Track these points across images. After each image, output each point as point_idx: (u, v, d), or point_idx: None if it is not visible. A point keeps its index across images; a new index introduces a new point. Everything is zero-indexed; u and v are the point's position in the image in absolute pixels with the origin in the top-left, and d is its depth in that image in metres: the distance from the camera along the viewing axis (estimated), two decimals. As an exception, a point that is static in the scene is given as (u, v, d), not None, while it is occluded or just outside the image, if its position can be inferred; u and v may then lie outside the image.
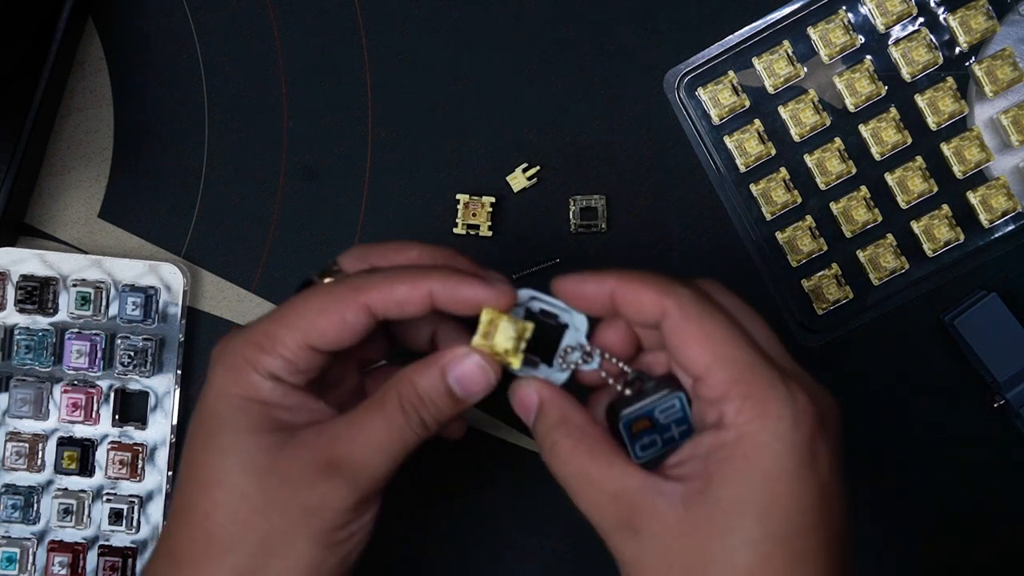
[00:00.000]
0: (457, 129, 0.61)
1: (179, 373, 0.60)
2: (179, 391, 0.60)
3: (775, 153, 0.59)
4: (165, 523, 0.45)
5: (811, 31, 0.59)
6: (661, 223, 0.60)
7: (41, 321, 0.60)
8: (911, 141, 0.59)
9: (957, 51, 0.58)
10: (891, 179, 0.59)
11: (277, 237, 0.61)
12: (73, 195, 0.62)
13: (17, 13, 0.58)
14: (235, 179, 0.61)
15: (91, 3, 0.61)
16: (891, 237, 0.59)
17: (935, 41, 0.58)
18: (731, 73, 0.59)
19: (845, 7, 0.59)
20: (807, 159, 0.59)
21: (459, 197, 0.60)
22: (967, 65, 0.59)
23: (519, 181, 0.60)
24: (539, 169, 0.60)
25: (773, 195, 0.59)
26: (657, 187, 0.60)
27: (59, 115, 0.62)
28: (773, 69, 0.59)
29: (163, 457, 0.60)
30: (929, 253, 0.59)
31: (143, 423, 0.60)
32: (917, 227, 0.59)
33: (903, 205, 0.59)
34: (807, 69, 0.59)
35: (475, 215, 0.60)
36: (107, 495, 0.60)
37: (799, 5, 0.59)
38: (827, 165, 0.59)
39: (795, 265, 0.59)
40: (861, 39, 0.59)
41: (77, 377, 0.60)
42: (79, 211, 0.62)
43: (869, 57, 0.59)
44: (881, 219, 0.59)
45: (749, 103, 0.59)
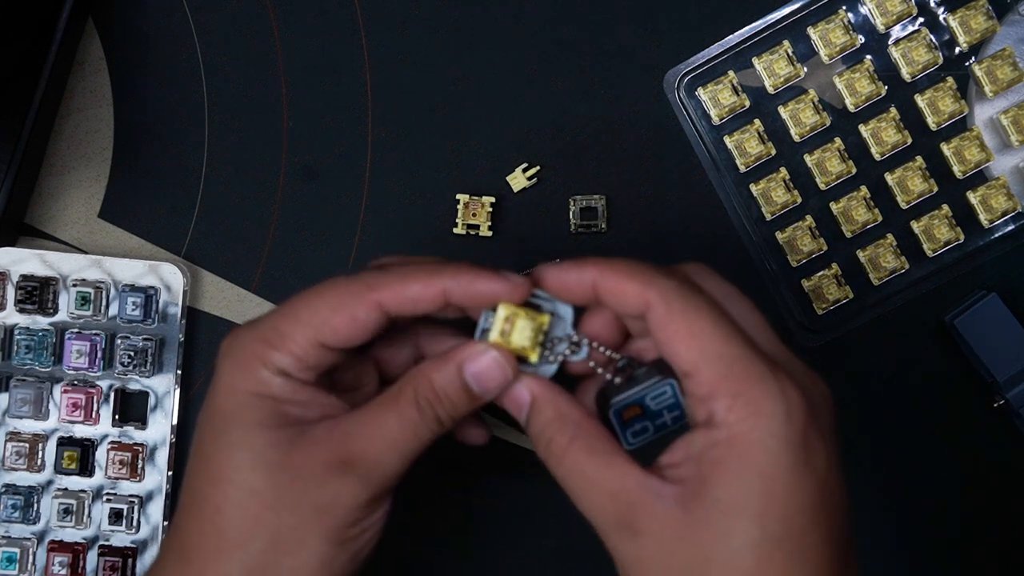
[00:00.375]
0: (457, 129, 0.61)
1: (179, 373, 0.60)
2: (179, 391, 0.60)
3: (775, 153, 0.59)
4: (173, 519, 0.44)
5: (811, 31, 0.59)
6: (661, 223, 0.60)
7: (41, 321, 0.60)
8: (911, 141, 0.59)
9: (957, 51, 0.58)
10: (891, 179, 0.59)
11: (277, 237, 0.61)
12: (73, 195, 0.62)
13: (17, 13, 0.58)
14: (235, 179, 0.61)
15: (91, 3, 0.61)
16: (891, 237, 0.59)
17: (935, 41, 0.58)
18: (731, 73, 0.59)
19: (845, 7, 0.59)
20: (807, 159, 0.59)
21: (459, 197, 0.60)
22: (967, 65, 0.58)
23: (519, 181, 0.60)
24: (539, 169, 0.60)
25: (773, 195, 0.59)
26: (657, 187, 0.60)
27: (59, 115, 0.62)
28: (773, 69, 0.59)
29: (163, 457, 0.60)
30: (929, 253, 0.59)
31: (143, 423, 0.60)
32: (917, 227, 0.59)
33: (903, 205, 0.59)
34: (807, 69, 0.59)
35: (475, 215, 0.60)
36: (107, 495, 0.60)
37: (799, 5, 0.59)
38: (827, 165, 0.59)
39: (795, 265, 0.59)
40: (861, 39, 0.59)
41: (77, 377, 0.60)
42: (79, 211, 0.62)
43: (869, 57, 0.59)
44: (881, 219, 0.59)
45: (749, 103, 0.59)
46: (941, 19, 0.59)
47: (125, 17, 0.62)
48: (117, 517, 0.59)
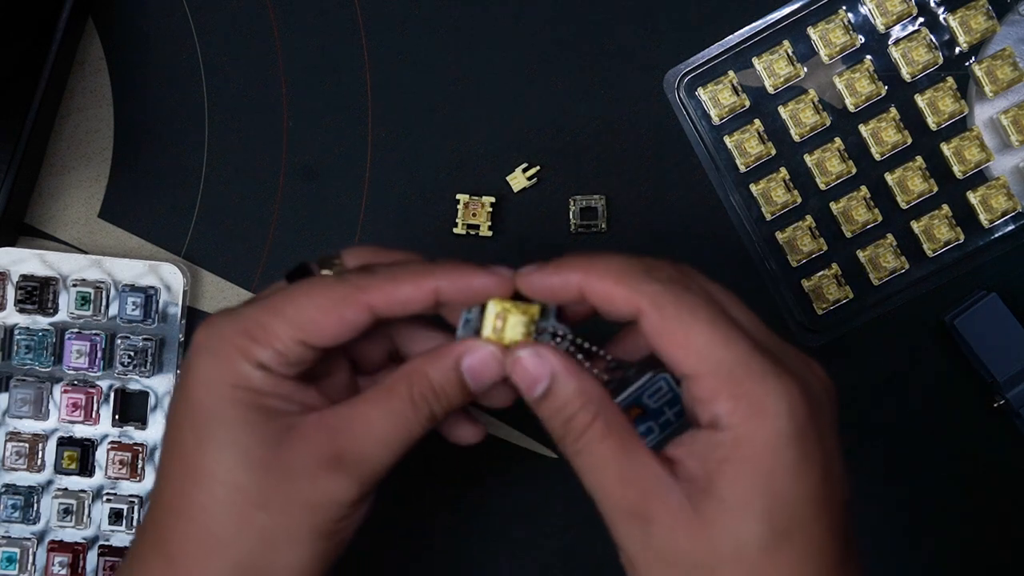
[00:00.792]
0: (457, 129, 0.61)
1: (179, 373, 0.60)
2: (179, 391, 0.60)
3: (775, 153, 0.59)
4: (148, 517, 0.43)
5: (811, 31, 0.59)
6: (661, 223, 0.60)
7: (41, 321, 0.60)
8: (911, 141, 0.59)
9: (957, 51, 0.58)
10: (891, 179, 0.59)
11: (277, 237, 0.61)
12: (73, 195, 0.62)
13: (17, 13, 0.58)
14: (235, 179, 0.61)
15: (91, 3, 0.61)
16: (891, 237, 0.59)
17: (935, 41, 0.58)
18: (731, 73, 0.59)
19: (845, 7, 0.59)
20: (807, 159, 0.59)
21: (459, 197, 0.60)
22: (967, 65, 0.58)
23: (519, 181, 0.60)
24: (539, 169, 0.60)
25: (773, 195, 0.59)
26: (657, 187, 0.60)
27: (59, 115, 0.62)
28: (773, 69, 0.59)
29: (163, 457, 0.60)
30: (929, 253, 0.59)
31: (143, 423, 0.60)
32: (917, 227, 0.59)
33: (903, 205, 0.59)
34: (807, 69, 0.59)
35: (475, 215, 0.60)
36: (107, 495, 0.60)
37: (799, 5, 0.59)
38: (827, 165, 0.59)
39: (795, 265, 0.59)
40: (861, 39, 0.59)
41: (77, 377, 0.60)
42: (79, 211, 0.62)
43: (869, 57, 0.59)
44: (881, 219, 0.59)
45: (749, 103, 0.59)
46: (941, 19, 0.59)
47: (125, 17, 0.62)
48: (117, 517, 0.59)
